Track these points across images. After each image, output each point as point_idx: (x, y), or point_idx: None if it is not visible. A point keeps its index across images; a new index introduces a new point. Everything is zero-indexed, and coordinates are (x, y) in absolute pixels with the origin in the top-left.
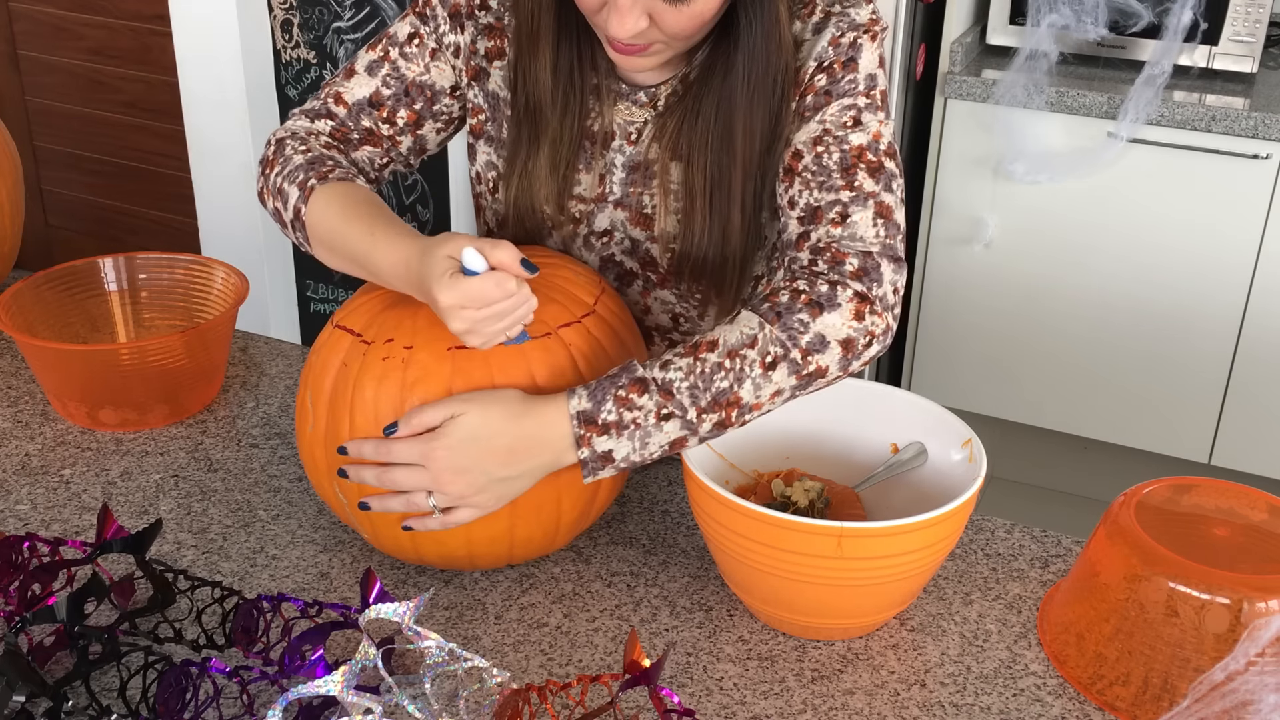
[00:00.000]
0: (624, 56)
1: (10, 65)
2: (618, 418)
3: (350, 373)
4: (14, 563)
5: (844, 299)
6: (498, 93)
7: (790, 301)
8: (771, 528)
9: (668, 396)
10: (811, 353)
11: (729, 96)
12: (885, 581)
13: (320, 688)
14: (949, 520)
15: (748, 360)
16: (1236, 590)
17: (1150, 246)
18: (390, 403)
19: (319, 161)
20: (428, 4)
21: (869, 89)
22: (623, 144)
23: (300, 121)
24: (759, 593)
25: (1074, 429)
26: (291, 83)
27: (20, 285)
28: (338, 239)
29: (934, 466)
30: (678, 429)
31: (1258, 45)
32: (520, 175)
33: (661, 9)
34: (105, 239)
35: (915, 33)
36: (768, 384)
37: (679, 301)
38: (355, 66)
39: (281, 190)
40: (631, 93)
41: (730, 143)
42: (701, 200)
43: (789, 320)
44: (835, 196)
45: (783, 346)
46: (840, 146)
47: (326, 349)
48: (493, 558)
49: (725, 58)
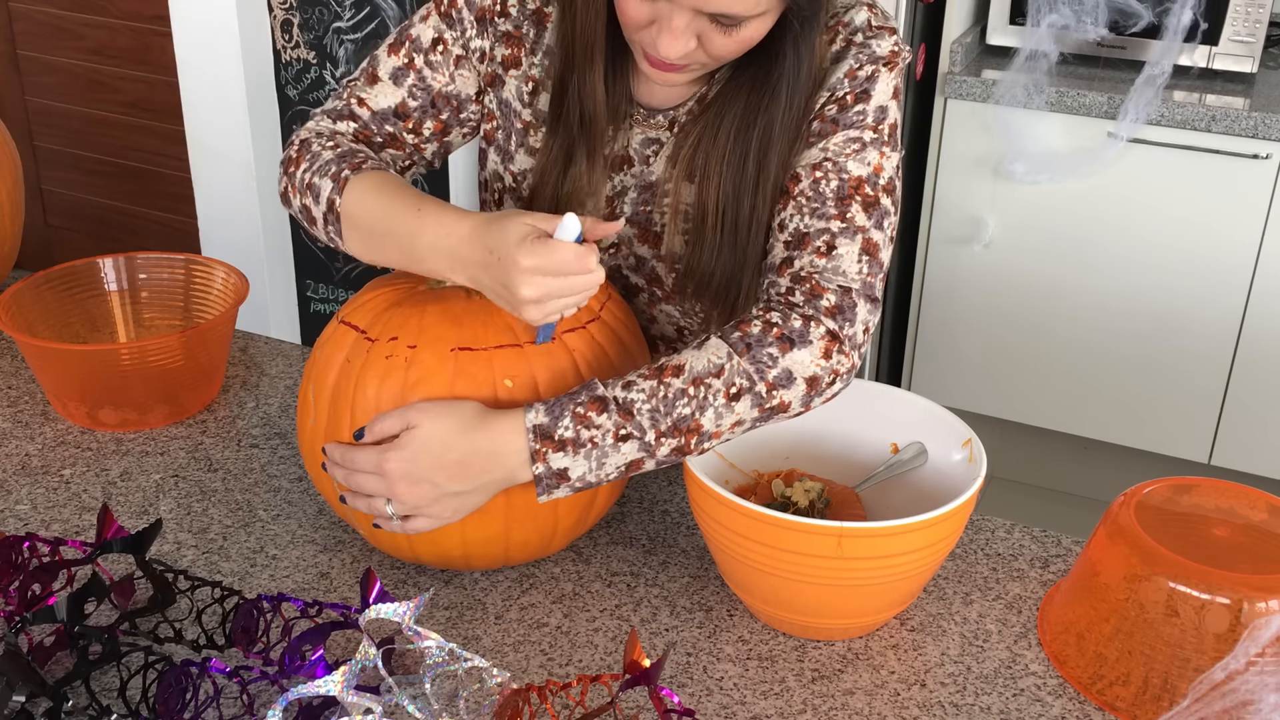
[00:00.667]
0: (659, 72)
1: (10, 65)
2: (575, 435)
3: (353, 369)
4: (14, 563)
5: (815, 336)
6: (510, 102)
7: (761, 334)
8: (772, 528)
9: (627, 417)
10: (777, 387)
11: (757, 123)
12: (885, 581)
13: (320, 688)
14: (949, 520)
15: (712, 389)
16: (1236, 590)
17: (1150, 246)
18: (392, 401)
19: (350, 154)
20: (453, 5)
21: (878, 122)
22: (642, 168)
23: (324, 122)
24: (759, 593)
25: (1074, 429)
26: (291, 83)
27: (20, 285)
28: (380, 221)
29: (934, 466)
30: (635, 450)
31: (1258, 45)
32: (573, 189)
33: (711, 32)
34: (105, 239)
35: (915, 33)
36: (729, 414)
37: (683, 316)
38: (379, 72)
39: (311, 185)
40: (649, 116)
41: (749, 168)
42: (714, 219)
43: (758, 353)
44: (825, 225)
45: (749, 379)
46: (839, 175)
47: (331, 344)
48: (489, 559)
49: (754, 82)
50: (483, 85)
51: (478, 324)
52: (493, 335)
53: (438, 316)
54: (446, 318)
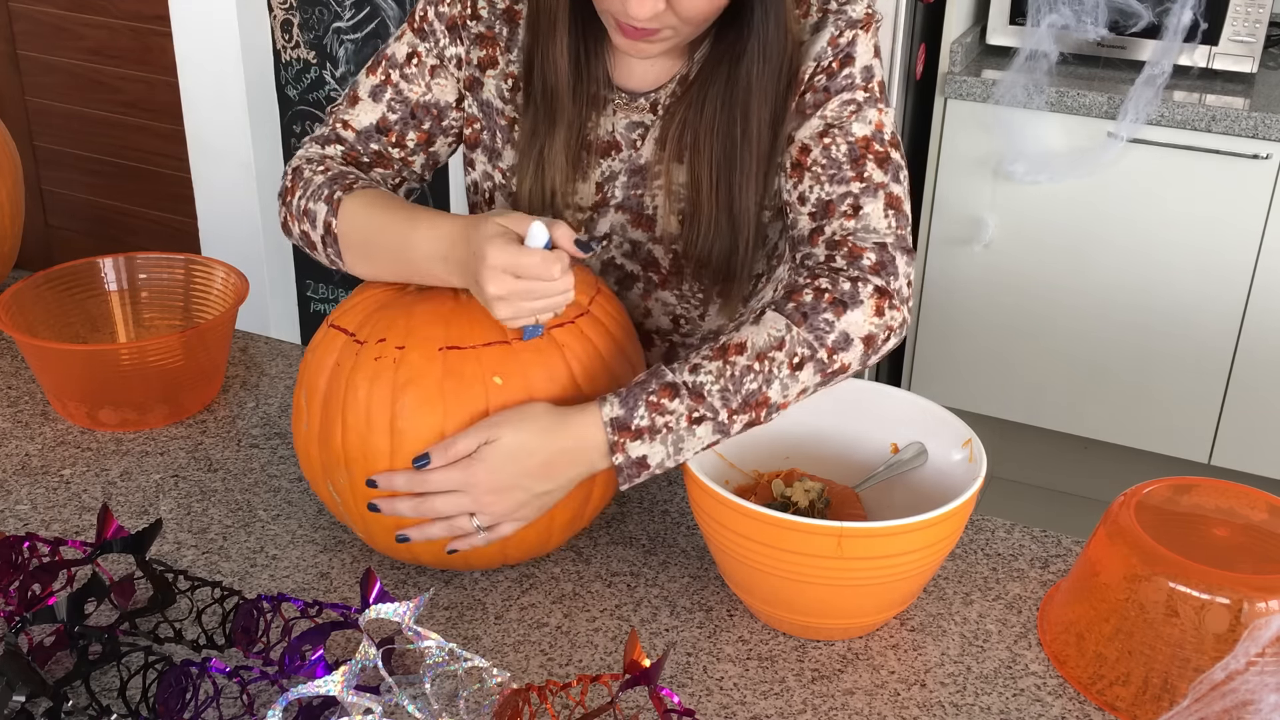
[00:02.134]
0: (631, 41)
1: (10, 65)
2: (650, 423)
3: (343, 372)
4: (14, 563)
5: (866, 295)
6: (491, 101)
7: (815, 301)
8: (771, 528)
9: (699, 400)
10: (837, 351)
11: (738, 85)
12: (886, 581)
13: (320, 688)
14: (949, 520)
15: (776, 362)
16: (1236, 590)
17: (1150, 246)
18: (382, 402)
19: (341, 177)
20: (424, 20)
21: (866, 81)
22: (630, 153)
23: (313, 148)
24: (759, 593)
25: (1074, 429)
26: (291, 83)
27: (20, 285)
28: (375, 236)
29: (934, 466)
30: (710, 432)
31: (1258, 45)
32: (537, 163)
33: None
34: (105, 239)
35: (915, 33)
36: (795, 384)
37: (680, 303)
38: (359, 93)
39: (308, 211)
40: (631, 100)
41: (737, 132)
42: (708, 192)
43: (815, 320)
44: (846, 189)
45: (809, 347)
46: (846, 138)
47: (321, 348)
48: (486, 558)
49: (732, 50)
50: (462, 91)
51: (465, 323)
52: (480, 333)
53: (425, 317)
54: (434, 317)
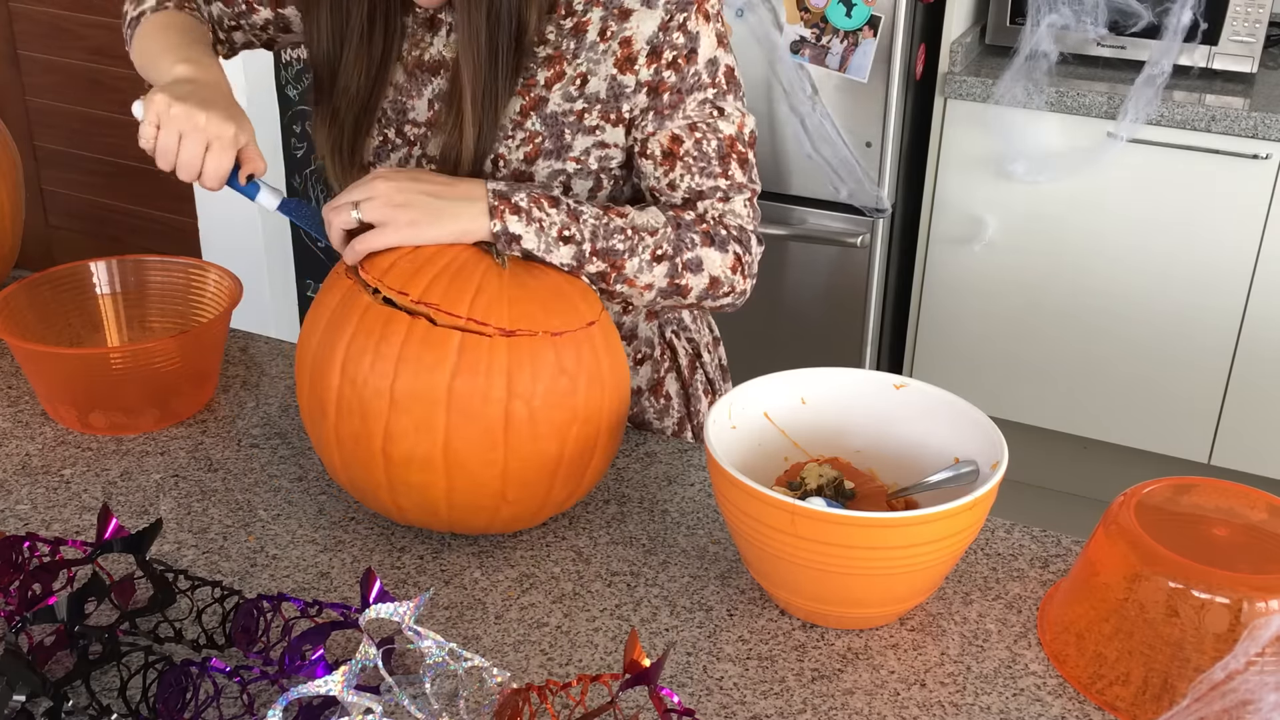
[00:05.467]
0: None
1: (10, 65)
2: (529, 209)
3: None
4: (14, 563)
5: (730, 248)
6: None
7: (693, 223)
8: (743, 494)
9: (574, 220)
10: (689, 270)
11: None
12: (887, 576)
13: (320, 688)
14: (952, 518)
15: (644, 243)
16: (1236, 590)
17: (1150, 246)
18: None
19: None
20: None
21: (713, 76)
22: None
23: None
24: (752, 563)
25: (1074, 429)
26: (291, 83)
27: (14, 287)
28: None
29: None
30: (570, 256)
31: (1258, 45)
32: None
33: None
34: (105, 239)
35: (915, 33)
36: (647, 272)
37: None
38: None
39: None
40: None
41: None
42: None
43: (684, 234)
44: (715, 183)
45: (674, 249)
46: (716, 135)
47: (322, 292)
48: (474, 509)
49: None
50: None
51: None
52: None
53: (413, 264)
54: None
